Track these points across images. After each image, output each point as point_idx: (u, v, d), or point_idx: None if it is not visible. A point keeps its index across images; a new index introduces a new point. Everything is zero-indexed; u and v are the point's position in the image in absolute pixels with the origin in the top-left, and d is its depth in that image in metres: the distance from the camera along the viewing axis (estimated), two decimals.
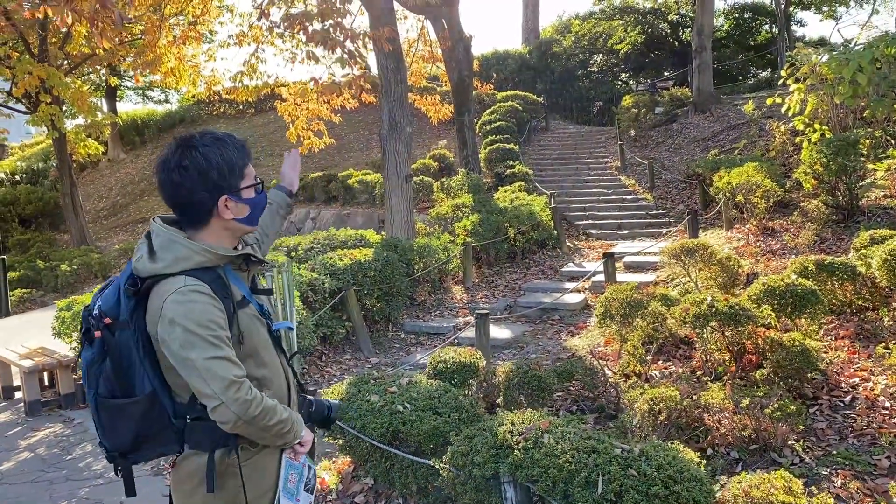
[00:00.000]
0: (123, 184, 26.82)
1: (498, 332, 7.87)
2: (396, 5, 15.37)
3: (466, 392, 5.14)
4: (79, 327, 2.31)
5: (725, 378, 4.99)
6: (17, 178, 25.78)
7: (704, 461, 3.51)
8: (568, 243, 12.21)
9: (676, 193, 14.45)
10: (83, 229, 19.16)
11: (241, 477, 1.95)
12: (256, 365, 1.99)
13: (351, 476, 4.55)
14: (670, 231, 11.68)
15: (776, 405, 4.09)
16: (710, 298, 5.02)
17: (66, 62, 18.07)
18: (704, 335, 5.17)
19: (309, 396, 2.29)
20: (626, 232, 12.81)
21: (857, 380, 5.02)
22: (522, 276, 10.57)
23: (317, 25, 7.19)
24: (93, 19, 5.68)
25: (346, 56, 7.68)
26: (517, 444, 3.21)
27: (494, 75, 25.25)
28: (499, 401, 4.86)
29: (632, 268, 9.87)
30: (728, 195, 10.38)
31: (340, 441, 4.29)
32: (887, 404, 4.62)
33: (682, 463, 2.96)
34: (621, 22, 27.40)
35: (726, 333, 5.09)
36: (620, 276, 9.15)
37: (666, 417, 4.27)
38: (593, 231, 13.13)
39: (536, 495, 3.18)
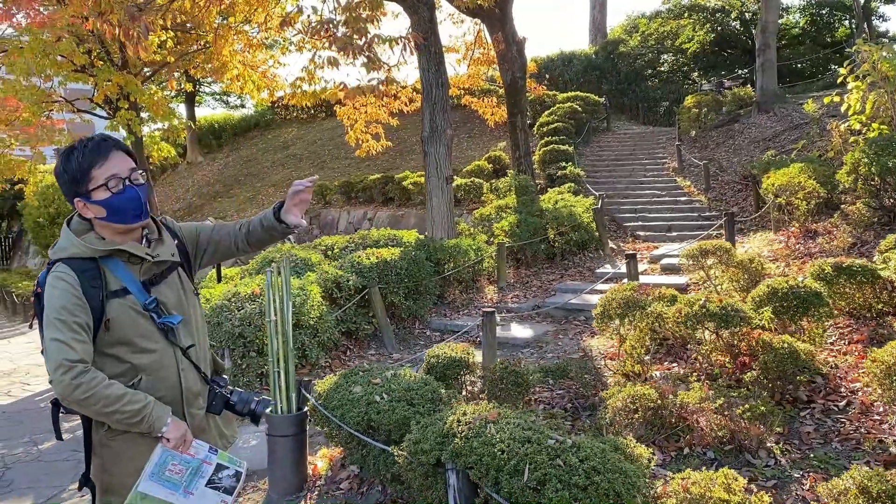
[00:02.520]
0: (199, 186, 27.99)
1: (521, 331, 7.97)
2: (452, 9, 15.62)
3: (460, 386, 5.30)
4: None
5: (704, 380, 4.96)
6: None
7: (654, 457, 3.55)
8: (612, 245, 12.11)
9: (732, 195, 14.09)
10: None
11: (99, 450, 2.16)
12: (131, 352, 2.16)
13: (340, 464, 4.77)
14: (709, 233, 11.44)
15: (747, 406, 4.07)
16: (703, 299, 5.00)
17: (146, 69, 19.07)
18: (699, 336, 5.15)
19: (228, 389, 2.41)
20: (675, 234, 12.58)
21: (857, 384, 4.90)
22: (559, 276, 10.56)
23: (342, 31, 7.47)
24: (125, 30, 6.14)
25: (367, 62, 7.95)
26: (461, 432, 3.34)
27: (548, 77, 25.15)
28: (482, 395, 4.99)
29: (668, 270, 9.74)
30: (773, 196, 10.12)
31: (326, 429, 4.51)
32: (881, 409, 4.51)
33: (609, 455, 3.03)
34: (689, 20, 26.82)
35: (721, 335, 5.06)
36: (656, 279, 9.08)
37: (642, 416, 4.31)
38: (641, 233, 12.95)
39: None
